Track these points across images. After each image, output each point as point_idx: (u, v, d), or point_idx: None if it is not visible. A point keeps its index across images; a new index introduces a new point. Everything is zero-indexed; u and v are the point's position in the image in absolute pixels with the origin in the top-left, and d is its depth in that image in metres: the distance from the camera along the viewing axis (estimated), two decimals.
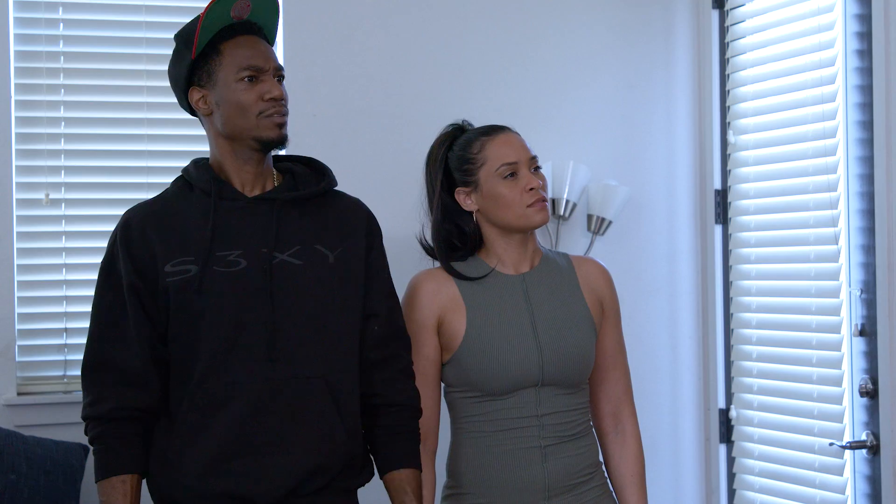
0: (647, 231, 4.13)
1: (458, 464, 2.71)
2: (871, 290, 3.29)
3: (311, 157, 2.76)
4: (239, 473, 2.46)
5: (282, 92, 2.56)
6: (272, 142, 2.56)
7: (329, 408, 2.52)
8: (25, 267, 3.65)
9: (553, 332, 2.68)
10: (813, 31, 3.49)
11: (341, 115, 3.85)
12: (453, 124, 2.82)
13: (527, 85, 3.99)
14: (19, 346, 3.63)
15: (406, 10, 3.93)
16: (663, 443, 4.12)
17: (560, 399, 2.70)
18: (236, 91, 2.52)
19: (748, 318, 3.82)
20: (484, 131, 2.74)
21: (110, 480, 2.47)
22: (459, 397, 2.71)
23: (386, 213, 2.89)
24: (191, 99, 2.59)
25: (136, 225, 2.53)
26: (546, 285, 2.75)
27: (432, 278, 2.73)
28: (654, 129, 4.13)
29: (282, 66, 2.61)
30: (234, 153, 2.57)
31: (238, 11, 2.56)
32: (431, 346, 2.70)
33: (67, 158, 3.68)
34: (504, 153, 2.67)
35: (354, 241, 2.64)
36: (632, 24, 4.12)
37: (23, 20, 3.66)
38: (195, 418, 2.47)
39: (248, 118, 2.53)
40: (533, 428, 2.66)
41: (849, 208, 3.38)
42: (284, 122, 2.57)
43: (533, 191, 2.65)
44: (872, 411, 3.31)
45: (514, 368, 2.64)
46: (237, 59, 2.53)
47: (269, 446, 2.47)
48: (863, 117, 3.34)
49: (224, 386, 2.47)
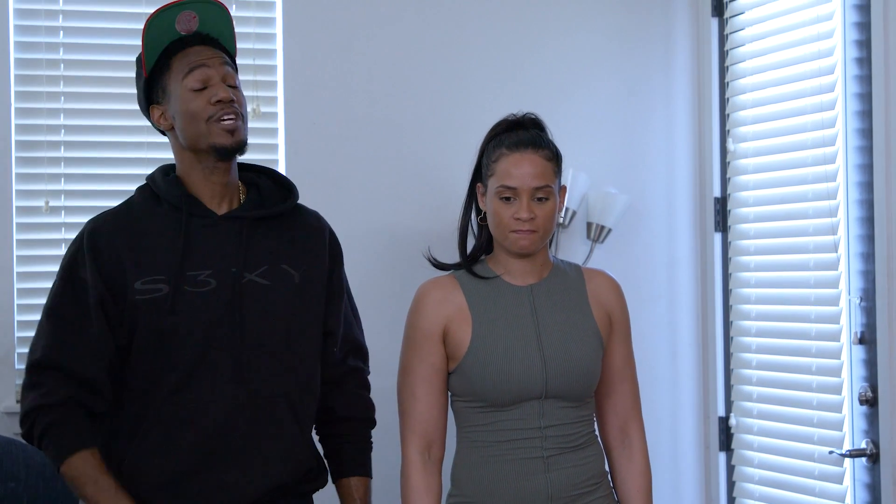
0: (647, 239, 4.14)
1: (462, 472, 2.71)
2: (871, 298, 3.29)
3: (273, 169, 2.77)
4: (199, 491, 2.49)
5: (229, 94, 2.53)
6: (226, 149, 2.54)
7: (291, 426, 2.58)
8: (25, 274, 3.65)
9: (558, 345, 2.68)
10: (812, 39, 3.49)
11: (341, 123, 3.86)
12: (514, 114, 2.76)
13: (526, 93, 3.99)
14: (19, 353, 3.63)
15: (405, 17, 3.94)
16: (663, 451, 4.12)
17: (564, 411, 2.69)
18: (186, 100, 2.53)
19: (748, 325, 3.82)
20: (511, 143, 2.67)
21: (79, 454, 2.45)
22: (464, 406, 2.71)
23: (386, 220, 2.90)
24: (152, 117, 2.62)
25: (104, 236, 2.53)
26: (553, 298, 2.74)
27: (439, 287, 2.73)
28: (654, 137, 4.13)
29: (235, 73, 2.60)
30: (199, 165, 2.57)
31: (184, 25, 2.56)
32: (438, 356, 2.69)
33: (67, 166, 3.68)
34: (508, 175, 2.63)
35: (318, 262, 2.69)
36: (631, 31, 4.12)
37: (23, 27, 3.66)
38: (158, 434, 2.49)
39: (199, 125, 2.53)
40: (536, 439, 2.66)
41: (848, 216, 3.38)
42: (236, 126, 2.54)
43: (519, 220, 2.63)
44: (872, 419, 3.31)
45: (518, 381, 2.63)
46: (182, 69, 2.54)
47: (231, 464, 2.50)
48: (862, 125, 3.34)
49: (190, 403, 2.48)
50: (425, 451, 2.67)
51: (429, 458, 2.68)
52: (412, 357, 2.69)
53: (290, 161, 3.78)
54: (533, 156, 2.66)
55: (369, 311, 2.79)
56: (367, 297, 2.92)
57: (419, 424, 2.68)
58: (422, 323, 2.69)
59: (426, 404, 2.68)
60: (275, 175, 2.75)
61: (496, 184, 2.64)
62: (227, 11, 2.63)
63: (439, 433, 2.71)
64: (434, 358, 2.69)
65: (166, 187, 2.57)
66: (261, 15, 3.82)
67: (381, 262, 3.03)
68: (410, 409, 2.69)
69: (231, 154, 2.56)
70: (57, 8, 3.69)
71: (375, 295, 2.75)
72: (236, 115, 2.54)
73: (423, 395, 2.68)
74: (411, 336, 2.71)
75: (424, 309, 2.70)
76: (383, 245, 2.94)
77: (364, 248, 2.99)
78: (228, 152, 2.54)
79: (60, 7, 3.69)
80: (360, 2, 3.90)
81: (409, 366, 2.70)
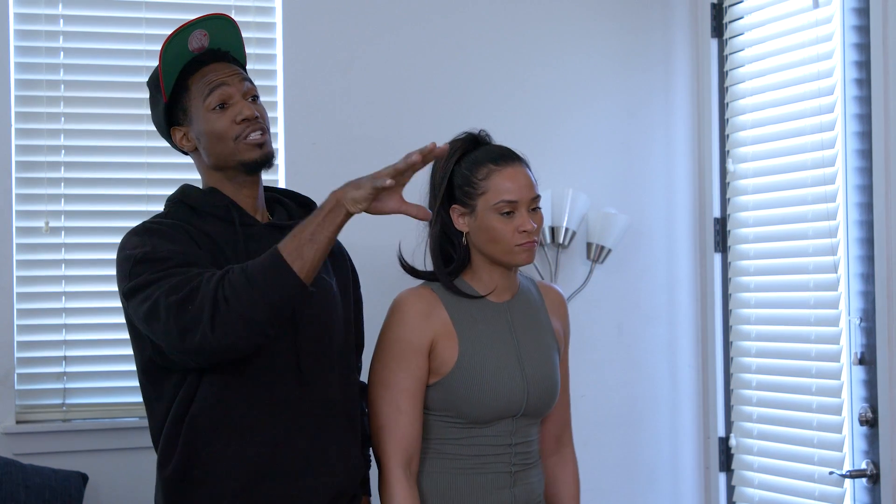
0: (647, 259, 4.14)
1: (427, 483, 2.71)
2: (871, 319, 3.29)
3: (291, 190, 2.82)
4: (272, 497, 2.50)
5: (253, 111, 2.55)
6: (256, 163, 2.56)
7: (347, 432, 2.63)
8: (25, 295, 3.64)
9: (535, 363, 2.72)
10: (812, 59, 3.50)
11: (341, 143, 3.86)
12: (469, 132, 2.78)
13: (526, 113, 4.00)
14: (18, 374, 3.62)
15: (404, 38, 3.94)
16: (663, 471, 4.12)
17: (529, 429, 2.75)
18: (209, 121, 2.55)
19: (748, 346, 3.82)
20: (494, 157, 2.69)
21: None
22: (437, 420, 2.70)
23: (386, 241, 2.89)
24: (174, 139, 2.64)
25: (175, 223, 2.50)
26: (526, 314, 2.77)
27: (422, 299, 2.70)
28: (654, 157, 4.14)
29: (253, 85, 2.62)
30: (229, 182, 2.60)
31: (196, 44, 2.58)
32: (423, 368, 2.67)
33: (67, 186, 3.68)
34: (506, 189, 2.64)
35: (345, 274, 2.75)
36: (631, 52, 4.13)
37: (23, 48, 3.66)
38: (244, 424, 2.48)
39: (226, 144, 2.54)
40: (506, 455, 2.70)
41: (848, 236, 3.38)
42: (264, 140, 2.57)
43: (525, 233, 2.64)
44: (872, 440, 3.30)
45: (503, 399, 2.65)
46: (202, 89, 2.56)
47: (300, 469, 2.52)
48: (862, 146, 3.35)
49: (262, 406, 2.49)
50: (407, 466, 2.65)
51: (410, 472, 2.66)
52: (397, 370, 2.66)
53: (290, 181, 3.77)
54: (521, 167, 2.70)
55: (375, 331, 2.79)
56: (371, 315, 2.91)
57: (404, 439, 2.65)
58: (408, 335, 2.67)
59: (411, 418, 2.66)
60: (294, 195, 2.80)
61: (493, 200, 2.64)
62: (234, 22, 2.66)
63: (418, 447, 2.70)
64: (420, 371, 2.67)
65: (207, 199, 2.58)
66: (260, 36, 3.83)
67: (383, 282, 3.03)
68: (394, 422, 2.65)
69: (260, 167, 2.58)
70: (57, 29, 3.69)
71: (381, 314, 2.76)
72: (263, 130, 2.57)
73: (408, 408, 2.66)
74: (395, 348, 2.67)
75: (410, 321, 2.68)
76: (385, 265, 2.92)
77: (367, 267, 2.98)
78: (258, 166, 2.57)
79: (61, 28, 3.70)
80: (360, 21, 3.90)
81: (393, 379, 2.66)
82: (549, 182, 3.84)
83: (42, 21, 3.68)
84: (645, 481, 4.11)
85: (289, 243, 2.30)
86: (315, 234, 2.29)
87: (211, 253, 2.48)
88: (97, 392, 3.67)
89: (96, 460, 3.59)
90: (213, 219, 2.55)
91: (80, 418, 3.65)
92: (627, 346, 4.12)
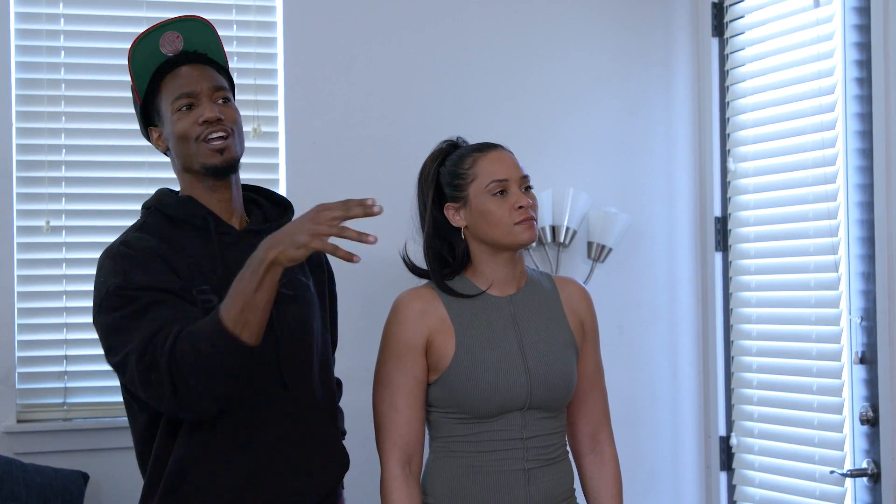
0: (648, 258, 4.14)
1: (438, 482, 2.70)
2: (872, 318, 3.29)
3: (267, 189, 2.78)
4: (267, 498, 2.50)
5: (215, 113, 2.50)
6: (216, 168, 2.52)
7: (332, 432, 2.65)
8: (26, 294, 3.65)
9: (540, 355, 2.69)
10: (812, 58, 3.50)
11: (341, 143, 3.86)
12: (447, 140, 2.80)
13: (527, 112, 4.00)
14: (19, 373, 3.62)
15: (405, 38, 3.94)
16: (664, 470, 4.12)
17: (544, 422, 2.71)
18: (174, 121, 2.53)
19: (748, 345, 3.82)
20: (476, 147, 2.73)
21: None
22: (442, 417, 2.70)
23: (386, 240, 2.89)
24: (151, 139, 2.63)
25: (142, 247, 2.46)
26: (532, 308, 2.75)
27: (419, 298, 2.71)
28: (655, 156, 4.14)
29: (223, 86, 2.58)
30: (200, 185, 2.57)
31: (170, 46, 2.56)
32: (420, 367, 2.67)
33: (68, 186, 3.69)
34: (495, 170, 2.66)
35: (321, 273, 2.76)
36: (632, 51, 4.13)
37: (24, 47, 3.67)
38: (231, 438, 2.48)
39: (189, 145, 2.52)
40: (518, 450, 2.67)
41: (849, 235, 3.38)
42: (225, 145, 2.52)
43: (521, 209, 2.64)
44: (873, 439, 3.30)
45: (503, 392, 2.64)
46: (171, 91, 2.54)
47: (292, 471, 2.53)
48: (862, 145, 3.35)
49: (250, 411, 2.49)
50: (406, 464, 2.66)
51: (409, 471, 2.66)
52: (393, 369, 2.67)
53: (290, 181, 3.78)
54: (505, 151, 2.73)
55: (374, 334, 2.78)
56: (370, 317, 2.91)
57: (401, 438, 2.66)
58: (404, 335, 2.67)
59: (408, 417, 2.66)
60: (270, 194, 2.77)
61: (484, 183, 2.65)
62: (210, 24, 2.63)
63: (419, 446, 2.70)
64: (417, 370, 2.67)
65: (183, 207, 2.56)
66: (261, 35, 3.83)
67: (382, 284, 3.04)
68: (392, 422, 2.66)
69: (223, 173, 2.54)
70: (58, 28, 3.70)
71: (381, 316, 2.76)
72: (226, 133, 2.52)
73: (404, 407, 2.66)
74: (392, 348, 2.69)
75: (406, 321, 2.68)
76: (386, 266, 2.92)
77: (365, 268, 2.98)
78: (220, 171, 2.53)
79: (62, 27, 3.70)
80: (361, 22, 3.91)
81: (390, 378, 2.68)
82: (550, 181, 3.84)
83: (43, 20, 3.69)
84: (646, 480, 4.11)
85: (230, 309, 2.25)
86: (257, 298, 2.25)
87: (188, 270, 2.45)
88: (98, 391, 3.67)
89: (97, 459, 3.59)
90: (190, 228, 2.53)
91: (81, 417, 3.65)
92: (628, 344, 4.12)
